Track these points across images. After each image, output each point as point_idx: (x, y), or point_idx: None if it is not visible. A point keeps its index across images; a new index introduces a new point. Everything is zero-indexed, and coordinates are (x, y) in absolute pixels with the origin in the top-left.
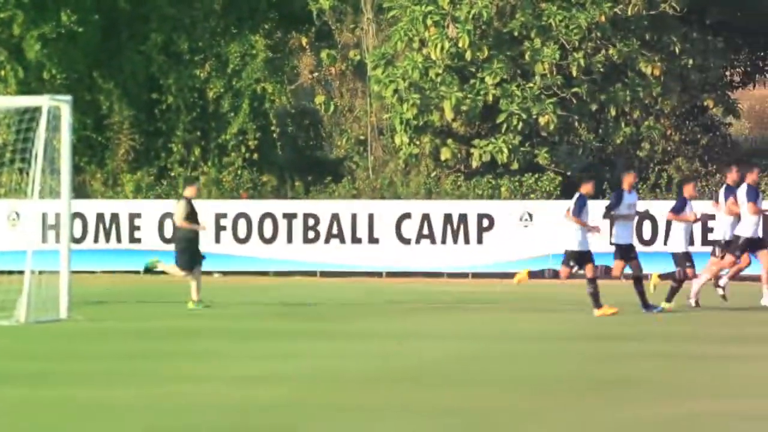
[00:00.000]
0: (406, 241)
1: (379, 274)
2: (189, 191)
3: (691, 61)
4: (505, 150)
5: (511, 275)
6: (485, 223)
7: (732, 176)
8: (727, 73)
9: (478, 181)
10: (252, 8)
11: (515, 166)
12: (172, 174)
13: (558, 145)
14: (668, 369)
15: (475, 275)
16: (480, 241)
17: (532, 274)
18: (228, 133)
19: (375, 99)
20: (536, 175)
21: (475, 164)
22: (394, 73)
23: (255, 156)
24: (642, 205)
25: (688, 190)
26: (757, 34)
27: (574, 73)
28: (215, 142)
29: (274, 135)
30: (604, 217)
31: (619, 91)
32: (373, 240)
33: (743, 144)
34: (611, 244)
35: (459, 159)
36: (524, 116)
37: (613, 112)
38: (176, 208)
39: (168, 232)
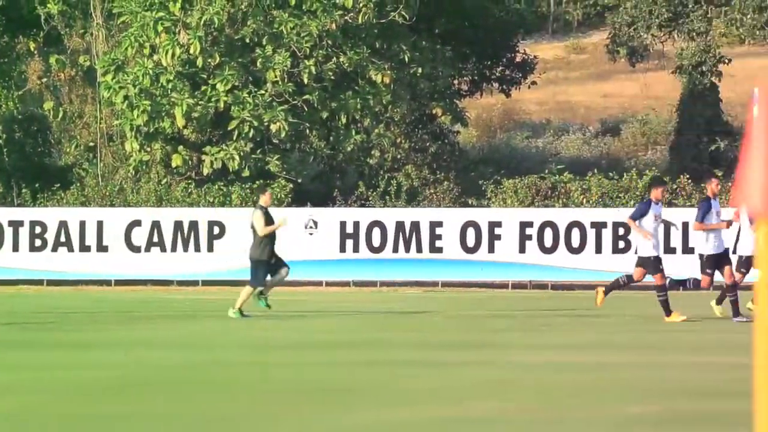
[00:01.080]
0: (136, 249)
1: (108, 282)
2: (263, 199)
3: (420, 70)
4: (237, 157)
5: (242, 282)
6: (216, 230)
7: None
8: (455, 81)
9: (209, 188)
10: None
11: (247, 173)
12: None
13: (289, 153)
14: (393, 375)
15: (206, 282)
16: (211, 248)
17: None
18: None
19: (105, 105)
20: (267, 182)
21: (206, 171)
22: (124, 79)
23: None
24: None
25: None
26: (484, 44)
27: (306, 81)
28: None
29: (1, 141)
30: (697, 228)
31: (350, 98)
32: (101, 248)
33: (471, 152)
34: (700, 255)
35: (190, 166)
36: (256, 123)
37: (343, 120)
38: (254, 219)
39: None
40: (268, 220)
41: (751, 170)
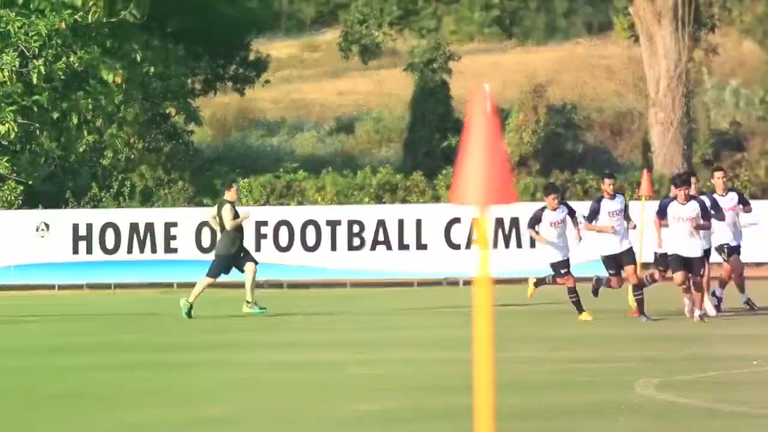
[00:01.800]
0: None
1: None
2: (229, 194)
3: (152, 69)
4: None
5: None
6: None
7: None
8: (189, 81)
9: None
10: None
11: None
12: None
13: (19, 154)
14: (128, 378)
15: None
16: None
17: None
18: None
19: None
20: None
21: None
22: None
23: None
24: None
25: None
26: (217, 43)
27: (35, 81)
28: None
29: None
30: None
31: (81, 98)
32: None
33: (206, 151)
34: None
35: None
36: None
37: (75, 120)
38: (223, 212)
39: None
40: (235, 215)
41: (469, 164)
